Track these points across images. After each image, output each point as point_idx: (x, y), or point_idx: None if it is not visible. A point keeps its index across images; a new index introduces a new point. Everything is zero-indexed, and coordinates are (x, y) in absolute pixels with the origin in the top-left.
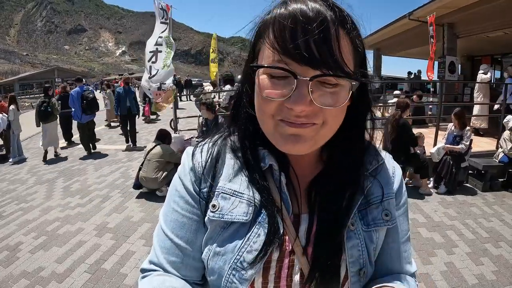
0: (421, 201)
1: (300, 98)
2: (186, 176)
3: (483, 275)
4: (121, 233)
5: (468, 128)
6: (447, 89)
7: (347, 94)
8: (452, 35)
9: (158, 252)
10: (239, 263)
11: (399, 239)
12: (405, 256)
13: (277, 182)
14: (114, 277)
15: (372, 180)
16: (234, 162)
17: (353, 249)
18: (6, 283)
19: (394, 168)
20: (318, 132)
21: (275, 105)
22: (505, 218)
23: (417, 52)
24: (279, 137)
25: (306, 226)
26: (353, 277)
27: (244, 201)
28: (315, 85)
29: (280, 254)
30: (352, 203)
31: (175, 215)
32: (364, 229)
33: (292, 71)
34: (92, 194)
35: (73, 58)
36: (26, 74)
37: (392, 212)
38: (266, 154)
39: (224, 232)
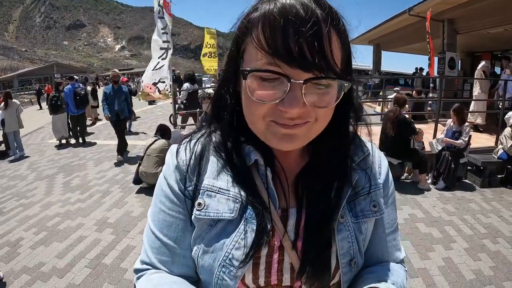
0: (420, 197)
1: (295, 101)
2: (171, 175)
3: (481, 270)
4: (121, 228)
5: (467, 124)
6: (447, 85)
7: (337, 93)
8: (452, 30)
9: (149, 252)
10: (228, 260)
11: (388, 229)
12: (394, 244)
13: (263, 177)
14: (115, 271)
15: (359, 172)
16: (219, 159)
17: (343, 241)
18: (7, 278)
19: (381, 158)
20: (310, 128)
21: (267, 107)
22: (503, 214)
23: (417, 48)
24: (271, 137)
25: (295, 220)
26: (344, 268)
27: (230, 198)
28: (308, 87)
29: (269, 249)
30: (341, 195)
31: (162, 215)
32: (353, 221)
33: (286, 75)
34: (92, 190)
35: (72, 54)
36: (25, 70)
37: (380, 203)
38: (251, 150)
39: (211, 230)
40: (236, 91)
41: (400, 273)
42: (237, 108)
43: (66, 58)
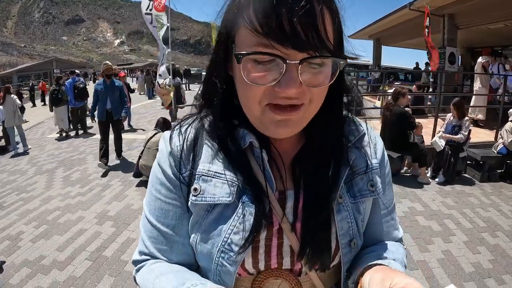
0: (419, 190)
1: (292, 82)
2: (165, 161)
3: (480, 263)
4: (122, 221)
5: (466, 118)
6: (447, 80)
7: (330, 72)
8: (452, 26)
9: (147, 242)
10: (227, 245)
11: (385, 208)
12: (392, 223)
13: (259, 160)
14: (115, 264)
15: (355, 151)
16: (213, 143)
17: (342, 221)
18: (8, 272)
19: (376, 138)
20: (305, 112)
21: (263, 90)
22: (503, 208)
23: (417, 43)
24: (267, 124)
25: (292, 203)
26: (344, 249)
27: (226, 181)
28: (303, 67)
29: (267, 233)
30: (339, 175)
31: (158, 203)
32: (351, 201)
33: (281, 56)
34: (92, 183)
35: (71, 49)
36: (24, 66)
37: (377, 182)
38: (246, 133)
39: (209, 215)
40: (227, 76)
41: (399, 250)
42: (229, 93)
43: (65, 53)
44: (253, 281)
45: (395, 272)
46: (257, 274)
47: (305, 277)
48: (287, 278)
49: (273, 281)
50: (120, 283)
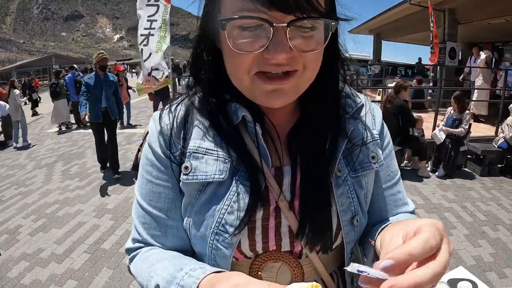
0: (420, 183)
1: (280, 47)
2: (155, 142)
3: (481, 256)
4: (120, 214)
5: (467, 112)
6: (447, 74)
7: (323, 36)
8: (453, 20)
9: (140, 229)
10: (221, 226)
11: (389, 181)
12: (400, 197)
13: (252, 135)
14: (113, 256)
15: (354, 123)
16: (204, 120)
17: (342, 196)
18: (6, 265)
19: (374, 110)
20: (299, 80)
21: (251, 58)
22: (503, 202)
23: (418, 38)
24: (258, 94)
25: (290, 179)
26: (346, 226)
27: (218, 158)
28: (292, 31)
29: (264, 212)
30: (336, 147)
31: (150, 185)
32: (352, 175)
33: (268, 19)
34: (91, 177)
35: (70, 45)
36: (24, 62)
37: (379, 154)
38: (238, 107)
39: (201, 195)
40: (215, 49)
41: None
42: (217, 67)
43: (65, 49)
44: (251, 265)
45: (406, 222)
46: (255, 258)
47: (306, 260)
48: (287, 260)
49: (272, 265)
50: (118, 275)
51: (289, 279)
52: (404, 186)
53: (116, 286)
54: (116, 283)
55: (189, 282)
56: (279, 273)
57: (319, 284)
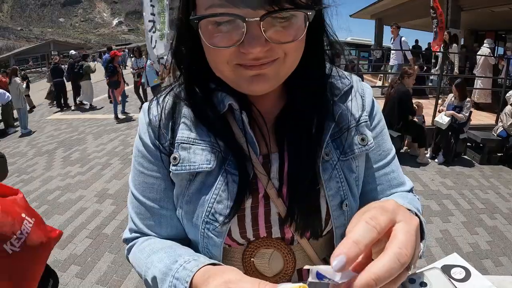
0: (419, 170)
1: (255, 41)
2: (145, 133)
3: (478, 244)
4: (121, 199)
5: (468, 100)
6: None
7: (303, 25)
8: (456, 7)
9: (135, 219)
10: (211, 215)
11: (381, 160)
12: (394, 176)
13: (240, 123)
14: (115, 241)
15: (341, 106)
16: (192, 110)
17: (331, 181)
18: None
19: (364, 89)
20: (281, 66)
21: (229, 52)
22: (501, 191)
23: (420, 24)
24: (240, 81)
25: (277, 166)
26: (335, 211)
27: (205, 148)
28: (267, 22)
29: (253, 200)
30: (323, 131)
31: (142, 176)
32: (342, 158)
33: (239, 15)
34: (92, 162)
35: (68, 31)
36: (22, 49)
37: (368, 135)
38: (224, 96)
39: (191, 185)
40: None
41: (409, 197)
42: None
43: (63, 35)
44: (244, 251)
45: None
46: (247, 245)
47: (298, 246)
48: (279, 247)
49: (264, 251)
50: (120, 259)
51: (281, 265)
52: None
53: (118, 270)
54: (118, 267)
55: (184, 275)
56: (271, 259)
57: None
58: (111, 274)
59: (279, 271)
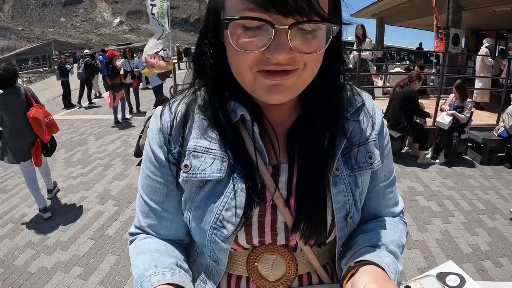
0: (420, 170)
1: (281, 47)
2: (154, 139)
3: (478, 245)
4: (124, 200)
5: (469, 100)
6: (450, 61)
7: (325, 38)
8: (457, 6)
9: (139, 216)
10: (219, 222)
11: (384, 181)
12: (392, 196)
13: (251, 133)
14: (118, 242)
15: (353, 122)
16: (204, 118)
17: (339, 194)
18: (13, 253)
19: (374, 108)
20: (299, 77)
21: (253, 56)
22: (502, 192)
23: (421, 23)
24: (259, 89)
25: (286, 177)
26: (340, 223)
27: (216, 157)
28: (293, 32)
29: (260, 208)
30: (335, 147)
31: (148, 180)
32: (349, 174)
33: (269, 21)
34: (94, 163)
35: (69, 31)
36: (23, 49)
37: (376, 154)
38: (237, 105)
39: (200, 192)
40: (219, 42)
41: (398, 228)
42: (221, 61)
43: (64, 35)
44: (249, 256)
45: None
46: (252, 249)
47: (301, 253)
48: (282, 253)
49: (268, 256)
50: (122, 260)
51: (284, 270)
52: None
53: (121, 271)
54: (120, 268)
55: (147, 286)
56: (274, 264)
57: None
58: (114, 275)
59: (281, 276)
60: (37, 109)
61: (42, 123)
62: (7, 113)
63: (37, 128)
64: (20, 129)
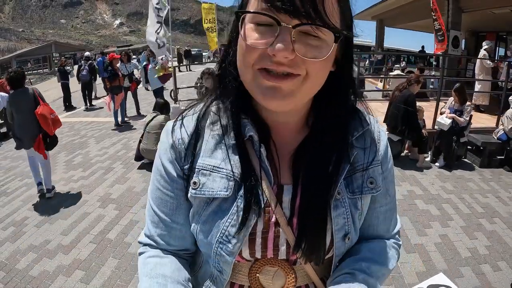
0: (419, 174)
1: (284, 44)
2: (166, 153)
3: (476, 249)
4: (124, 204)
5: (468, 104)
6: (450, 63)
7: (330, 48)
8: (457, 9)
9: (150, 226)
10: (225, 237)
11: (385, 205)
12: (390, 219)
13: (258, 153)
14: (119, 246)
15: (358, 147)
16: (213, 135)
17: (339, 217)
18: (14, 257)
19: (380, 134)
20: (299, 86)
21: (258, 53)
22: (501, 195)
23: (421, 25)
24: (257, 89)
25: (290, 197)
26: (338, 243)
27: (224, 176)
28: (298, 35)
29: (264, 226)
30: (339, 171)
31: (158, 193)
32: (349, 196)
33: (276, 18)
34: (95, 167)
35: (70, 32)
36: (23, 51)
37: (377, 179)
38: (246, 124)
39: (208, 207)
40: None
41: (387, 254)
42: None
43: (64, 36)
44: (251, 267)
45: None
46: (254, 261)
47: (300, 266)
48: (283, 266)
49: (269, 268)
50: (124, 264)
51: (283, 282)
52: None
53: (122, 275)
54: (122, 272)
55: None
56: (275, 276)
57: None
58: (115, 279)
59: (281, 287)
60: (43, 107)
61: (48, 119)
62: (16, 110)
63: (44, 123)
64: (27, 124)
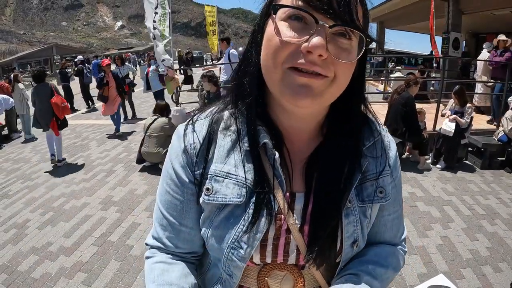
0: (420, 175)
1: (320, 41)
2: (176, 158)
3: (477, 250)
4: (126, 206)
5: (469, 105)
6: (450, 65)
7: (357, 51)
8: (457, 10)
9: (158, 228)
10: (236, 242)
11: (393, 213)
12: (398, 226)
13: (271, 160)
14: (121, 248)
15: (369, 157)
16: (227, 141)
17: (349, 225)
18: (16, 259)
19: (389, 143)
20: (327, 86)
21: (290, 50)
22: (502, 196)
23: (422, 27)
24: (287, 88)
25: (302, 205)
26: (346, 249)
27: (237, 182)
28: (331, 36)
29: (276, 232)
30: (351, 181)
31: (168, 196)
32: (359, 205)
33: (315, 16)
34: (96, 169)
35: (71, 35)
36: (25, 53)
37: (387, 189)
38: (261, 131)
39: (220, 213)
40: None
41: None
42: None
43: (65, 39)
44: (260, 271)
45: None
46: (263, 265)
47: (308, 271)
48: (291, 271)
49: (278, 273)
50: (126, 267)
51: (291, 286)
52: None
53: (124, 277)
54: (124, 274)
55: None
56: (283, 280)
57: None
58: (118, 281)
59: None
60: (57, 97)
61: (60, 107)
62: (38, 99)
63: (57, 110)
64: (45, 110)
